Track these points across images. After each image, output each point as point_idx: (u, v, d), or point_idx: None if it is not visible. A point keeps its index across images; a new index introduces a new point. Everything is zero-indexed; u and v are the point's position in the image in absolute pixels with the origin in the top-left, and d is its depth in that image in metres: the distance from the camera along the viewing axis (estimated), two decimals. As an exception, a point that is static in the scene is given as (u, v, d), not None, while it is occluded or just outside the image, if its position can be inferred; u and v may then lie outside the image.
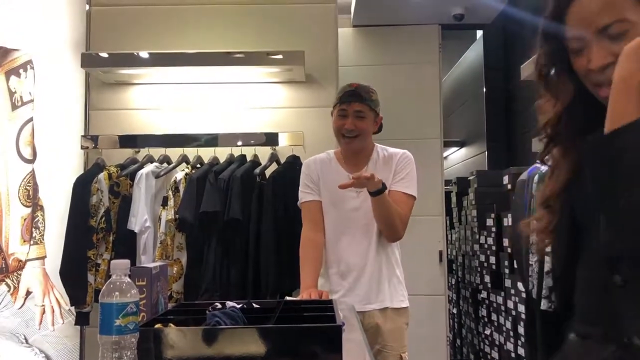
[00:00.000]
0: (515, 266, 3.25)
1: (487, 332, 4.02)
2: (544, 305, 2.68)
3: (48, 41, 3.34)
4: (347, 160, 2.29)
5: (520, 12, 4.46)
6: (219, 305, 1.32)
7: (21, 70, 3.25)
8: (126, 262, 1.05)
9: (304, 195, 2.30)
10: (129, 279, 1.06)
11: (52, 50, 3.34)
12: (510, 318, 3.52)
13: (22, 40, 3.28)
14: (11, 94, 3.22)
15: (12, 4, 3.28)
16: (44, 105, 3.30)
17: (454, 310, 5.12)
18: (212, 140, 3.17)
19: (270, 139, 3.19)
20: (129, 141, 3.22)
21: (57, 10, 3.37)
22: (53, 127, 3.32)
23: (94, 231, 2.98)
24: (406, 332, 2.24)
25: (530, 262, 2.83)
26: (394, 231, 2.18)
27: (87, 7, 3.44)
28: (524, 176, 3.03)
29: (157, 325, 1.17)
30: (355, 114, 2.19)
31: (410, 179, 2.24)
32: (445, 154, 5.51)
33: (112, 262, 1.06)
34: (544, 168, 2.79)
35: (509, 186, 3.58)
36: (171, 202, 2.98)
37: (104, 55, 3.20)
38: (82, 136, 3.26)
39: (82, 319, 3.01)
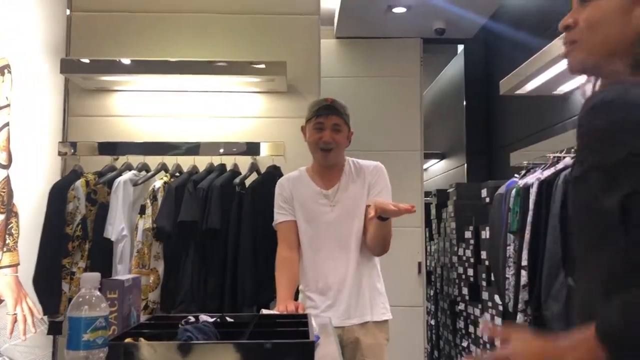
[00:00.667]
0: (493, 279, 3.27)
1: (464, 344, 4.03)
2: (519, 319, 2.70)
3: (27, 45, 3.30)
4: (320, 175, 2.29)
5: (501, 27, 4.52)
6: (192, 319, 1.30)
7: (-2, 75, 3.20)
8: (96, 276, 1.04)
9: (278, 216, 2.30)
10: (98, 293, 1.04)
11: (30, 54, 3.30)
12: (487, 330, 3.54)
13: None
14: (-12, 98, 3.17)
15: (-10, 8, 3.23)
16: (21, 110, 3.25)
17: (432, 322, 5.14)
18: (193, 148, 3.16)
19: (252, 149, 3.18)
20: (108, 148, 3.19)
21: (36, 15, 3.34)
22: (30, 133, 3.27)
23: (70, 239, 2.94)
24: (386, 348, 2.23)
25: (507, 276, 2.86)
26: (385, 249, 2.21)
27: (68, 12, 3.41)
28: (501, 190, 3.07)
29: (127, 340, 1.15)
30: (333, 127, 2.21)
31: (386, 191, 2.25)
32: (425, 166, 5.55)
33: (83, 275, 1.05)
34: (521, 182, 2.84)
35: (488, 199, 3.61)
36: (149, 211, 2.95)
37: (85, 61, 3.17)
38: (59, 142, 3.22)
39: (54, 329, 2.96)
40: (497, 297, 3.26)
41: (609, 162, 0.86)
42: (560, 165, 2.68)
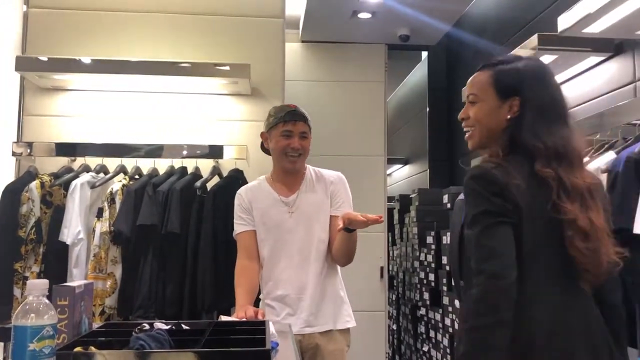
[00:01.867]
0: (453, 284, 3.31)
1: (425, 348, 4.06)
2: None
3: (-20, 42, 3.19)
4: (281, 183, 2.27)
5: (464, 34, 4.59)
6: (147, 326, 1.27)
7: (-51, 71, 3.09)
8: (44, 282, 1.00)
9: (237, 226, 2.27)
10: (47, 300, 1.00)
11: (-16, 51, 3.19)
12: (447, 335, 3.57)
13: (-48, 39, 3.12)
14: (-62, 95, 3.06)
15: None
16: (-27, 109, 3.15)
17: (394, 327, 5.17)
18: (154, 150, 3.10)
19: (215, 152, 3.14)
20: (65, 149, 3.10)
21: (-9, 10, 3.23)
22: (-17, 132, 3.16)
23: (23, 242, 2.85)
24: (346, 354, 2.22)
25: (467, 281, 2.89)
26: (350, 260, 2.20)
27: (25, 8, 3.31)
28: (462, 195, 3.10)
29: (77, 349, 1.11)
30: (301, 134, 2.19)
31: (347, 202, 2.26)
32: (388, 171, 5.59)
33: (29, 282, 1.00)
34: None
35: (449, 205, 3.65)
36: (106, 214, 2.88)
37: (42, 59, 3.08)
38: (14, 142, 3.12)
39: (5, 335, 2.85)
40: (457, 302, 3.29)
41: (474, 212, 1.36)
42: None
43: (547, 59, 2.65)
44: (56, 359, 1.00)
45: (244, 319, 1.89)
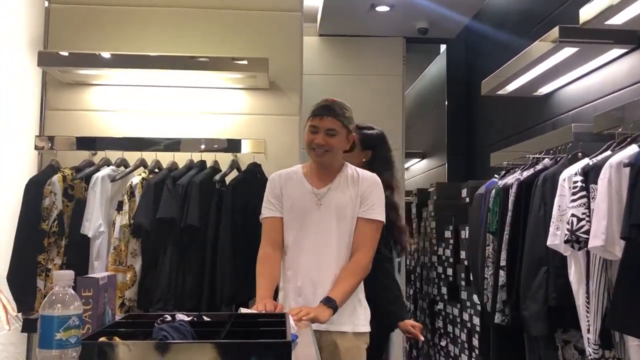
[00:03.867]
0: (472, 279, 3.29)
1: (443, 343, 4.05)
2: (497, 318, 2.71)
3: (3, 37, 3.23)
4: (314, 176, 2.26)
5: (483, 27, 4.55)
6: (169, 318, 1.28)
7: (-27, 66, 3.13)
8: (70, 273, 1.02)
9: (265, 210, 2.26)
10: (72, 291, 1.02)
11: (7, 46, 3.23)
12: (465, 330, 3.56)
13: (-25, 35, 3.17)
14: (-38, 90, 3.11)
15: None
16: (-4, 103, 3.19)
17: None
18: (173, 144, 3.11)
19: (233, 146, 3.15)
20: (86, 143, 3.13)
21: (14, 6, 3.27)
22: (6, 126, 3.21)
23: (45, 235, 2.89)
24: (364, 352, 2.22)
25: (486, 276, 2.88)
26: (362, 280, 2.23)
27: (47, 4, 3.35)
28: (481, 190, 3.09)
29: (102, 339, 1.13)
30: (327, 131, 2.17)
31: (379, 205, 2.23)
32: (406, 165, 5.57)
33: (55, 273, 1.02)
34: (501, 183, 2.86)
35: (467, 199, 3.63)
36: (126, 207, 2.91)
37: (64, 54, 3.11)
38: (36, 136, 3.16)
39: (29, 326, 2.90)
40: (475, 297, 3.28)
41: None
42: (539, 166, 2.70)
43: (568, 51, 2.62)
44: (81, 349, 1.02)
45: (263, 312, 1.90)
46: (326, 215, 2.19)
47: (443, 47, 5.39)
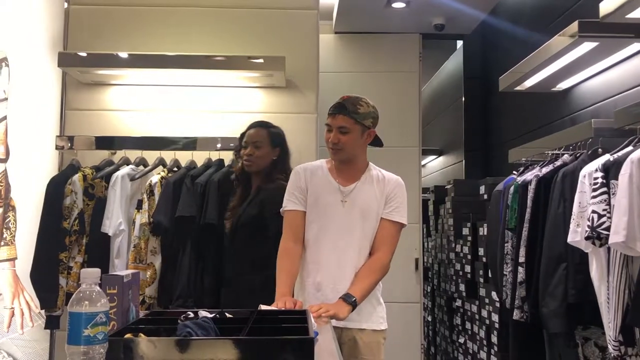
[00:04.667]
0: (490, 275, 3.28)
1: (461, 340, 4.04)
2: (516, 315, 2.70)
3: (24, 39, 3.28)
4: (339, 172, 2.28)
5: (500, 23, 4.52)
6: (191, 315, 1.30)
7: (-5, 68, 3.19)
8: (97, 271, 1.04)
9: (288, 203, 2.27)
10: (99, 288, 1.04)
11: (28, 48, 3.28)
12: (484, 327, 3.55)
13: (-3, 37, 3.22)
14: (-16, 91, 3.16)
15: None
16: (18, 104, 3.24)
17: (429, 318, 5.15)
18: (190, 143, 3.14)
19: (250, 144, 3.16)
20: (105, 142, 3.17)
21: (34, 8, 3.32)
22: (27, 126, 3.26)
23: (67, 233, 2.93)
24: (383, 346, 2.23)
25: (505, 272, 2.86)
26: (381, 279, 2.25)
27: (66, 5, 3.39)
28: (500, 187, 3.07)
29: (127, 335, 1.15)
30: (339, 129, 2.18)
31: (403, 207, 2.26)
32: (423, 162, 5.55)
33: (83, 270, 1.04)
34: (520, 179, 2.84)
35: (485, 196, 3.62)
36: (145, 206, 2.94)
37: (83, 54, 3.15)
38: (57, 136, 3.21)
39: (52, 323, 2.95)
40: (494, 294, 3.27)
41: None
42: (558, 162, 2.68)
43: (587, 46, 2.59)
44: (108, 345, 1.04)
45: (284, 309, 1.92)
46: (350, 213, 2.20)
47: (459, 43, 5.36)
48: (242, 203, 2.64)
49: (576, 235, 2.23)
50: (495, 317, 3.35)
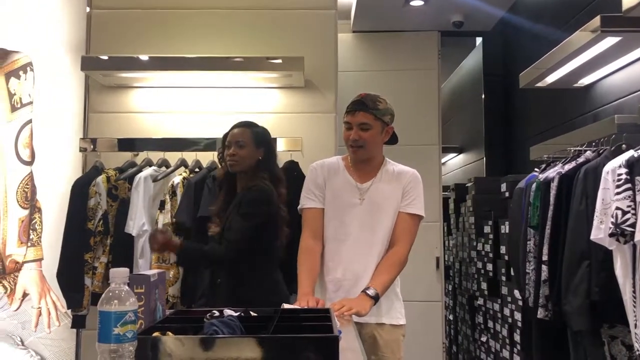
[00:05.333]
0: (512, 274, 3.25)
1: (484, 339, 4.02)
2: (540, 313, 2.68)
3: (48, 43, 3.34)
4: (356, 169, 2.28)
5: (519, 19, 4.48)
6: (217, 313, 1.32)
7: (21, 72, 3.26)
8: (125, 271, 1.06)
9: (307, 200, 2.28)
10: (127, 287, 1.06)
11: (52, 52, 3.34)
12: (506, 325, 3.52)
13: (22, 42, 3.28)
14: (10, 95, 3.23)
15: (13, 6, 3.28)
16: (43, 108, 3.31)
17: (451, 317, 5.13)
18: (211, 144, 3.17)
19: (269, 144, 3.18)
20: (127, 144, 3.21)
21: (57, 13, 3.38)
22: (52, 129, 3.32)
23: (92, 234, 2.98)
24: (402, 344, 2.24)
25: (527, 270, 2.84)
26: (400, 272, 2.25)
27: (88, 9, 3.44)
28: (521, 184, 3.05)
29: (156, 334, 1.17)
30: (359, 126, 2.19)
31: (419, 200, 2.26)
32: (443, 160, 5.52)
33: (112, 270, 1.06)
34: (542, 176, 2.82)
35: (507, 194, 3.59)
36: (168, 206, 2.98)
37: (104, 58, 3.20)
38: (80, 139, 3.26)
39: (78, 322, 3.00)
40: (516, 292, 3.24)
41: None
42: (581, 159, 2.65)
43: (610, 41, 2.56)
44: (137, 343, 1.06)
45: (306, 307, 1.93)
46: (368, 210, 2.20)
47: (479, 40, 5.32)
48: (227, 207, 2.47)
49: (599, 232, 2.20)
50: (518, 316, 3.33)
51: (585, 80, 3.24)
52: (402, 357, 2.23)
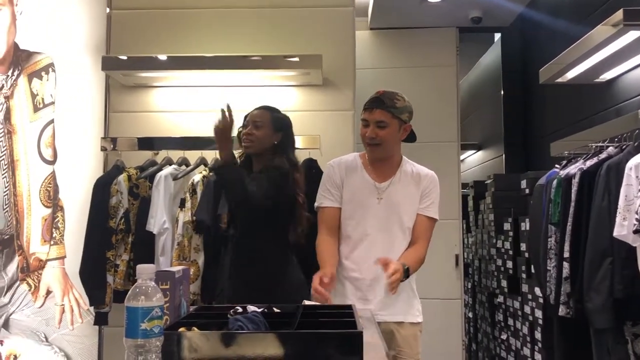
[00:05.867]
0: (533, 271, 3.23)
1: (504, 336, 3.99)
2: (561, 311, 2.66)
3: (69, 44, 3.39)
4: (373, 168, 2.28)
5: (538, 14, 4.43)
6: (240, 309, 1.33)
7: (43, 73, 3.30)
8: (152, 267, 1.07)
9: (324, 199, 2.28)
10: (154, 284, 1.07)
11: (73, 53, 3.39)
12: (527, 323, 3.50)
13: (44, 43, 3.33)
14: (33, 96, 3.28)
15: (34, 9, 3.33)
16: (64, 107, 3.35)
17: (470, 315, 5.10)
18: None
19: (287, 142, 3.19)
20: (147, 143, 3.24)
21: (78, 14, 3.42)
22: (73, 129, 3.37)
23: (113, 232, 3.01)
24: (420, 339, 2.23)
25: (548, 268, 2.82)
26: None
27: (108, 10, 3.48)
28: (542, 180, 3.02)
29: (182, 329, 1.18)
30: (377, 123, 2.18)
31: (436, 203, 2.27)
32: (461, 157, 5.49)
33: (138, 266, 1.08)
34: (563, 172, 2.79)
35: (527, 190, 3.56)
36: (188, 204, 3.00)
37: (124, 58, 3.23)
38: (101, 138, 3.30)
39: (100, 319, 3.04)
40: (537, 290, 3.22)
41: None
42: (603, 155, 2.62)
43: (633, 34, 2.53)
44: (163, 339, 1.07)
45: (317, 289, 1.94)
46: (386, 210, 2.20)
47: (497, 36, 5.28)
48: None
49: (622, 229, 2.18)
50: (539, 313, 3.30)
51: (606, 75, 3.20)
52: (420, 352, 2.22)
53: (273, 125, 2.45)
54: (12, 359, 3.15)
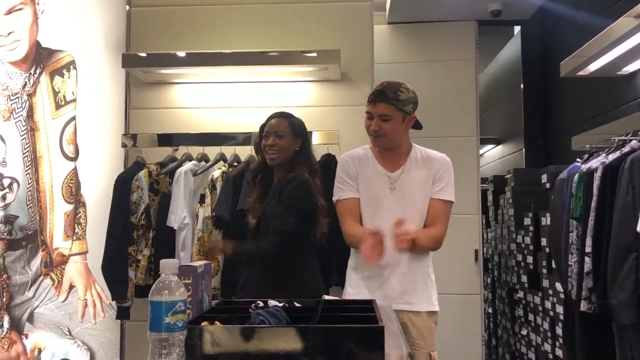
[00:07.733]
0: (554, 266, 3.20)
1: (524, 332, 3.96)
2: (583, 306, 2.63)
3: (90, 42, 3.42)
4: (384, 158, 2.29)
5: (559, 7, 4.37)
6: (261, 304, 1.34)
7: (64, 71, 3.34)
8: (175, 262, 1.08)
9: (343, 192, 2.29)
10: (177, 278, 1.09)
11: (93, 50, 3.42)
12: (547, 319, 3.47)
13: (65, 41, 3.37)
14: (55, 93, 3.32)
15: (55, 7, 3.37)
16: (85, 105, 3.39)
17: (490, 310, 5.07)
18: (248, 138, 3.20)
19: (305, 137, 3.19)
20: (167, 139, 3.27)
21: (98, 12, 3.46)
22: (94, 126, 3.41)
23: (134, 227, 3.05)
24: (435, 332, 2.23)
25: (570, 263, 2.79)
26: (434, 249, 2.26)
27: (127, 7, 3.51)
28: (563, 175, 2.99)
29: (204, 323, 1.19)
30: (380, 116, 2.19)
31: (450, 185, 2.25)
32: (481, 152, 5.45)
33: (162, 261, 1.09)
34: (584, 167, 2.76)
35: (548, 185, 3.52)
36: (208, 200, 3.02)
37: (144, 55, 3.26)
38: (122, 134, 3.33)
39: (122, 314, 3.08)
40: (558, 285, 3.19)
41: None
42: (626, 149, 2.58)
43: (656, 26, 2.49)
44: (187, 332, 1.08)
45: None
46: (400, 199, 2.20)
47: (517, 29, 5.21)
48: (264, 199, 2.45)
49: None
50: (559, 309, 3.27)
51: (629, 68, 3.15)
52: (435, 344, 2.22)
53: (293, 132, 2.46)
54: (36, 352, 3.21)
